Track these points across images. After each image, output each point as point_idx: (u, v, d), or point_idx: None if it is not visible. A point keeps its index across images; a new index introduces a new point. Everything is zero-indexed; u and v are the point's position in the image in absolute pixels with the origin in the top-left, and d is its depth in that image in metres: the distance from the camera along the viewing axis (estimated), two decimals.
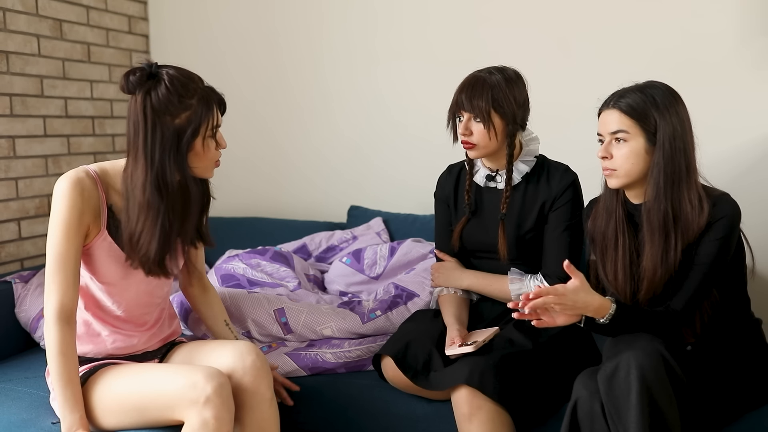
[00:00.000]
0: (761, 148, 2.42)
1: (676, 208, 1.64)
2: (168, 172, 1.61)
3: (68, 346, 1.61)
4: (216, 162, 1.72)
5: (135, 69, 1.63)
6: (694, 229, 1.64)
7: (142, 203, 1.62)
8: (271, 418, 1.69)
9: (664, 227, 1.65)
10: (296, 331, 2.19)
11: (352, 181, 3.05)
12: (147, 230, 1.63)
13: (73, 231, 1.61)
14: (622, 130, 1.66)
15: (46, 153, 2.75)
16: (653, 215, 1.66)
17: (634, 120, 1.65)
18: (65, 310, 1.62)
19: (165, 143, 1.61)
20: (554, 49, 2.65)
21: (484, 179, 2.03)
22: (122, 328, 1.76)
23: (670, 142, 1.63)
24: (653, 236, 1.66)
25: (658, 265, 1.66)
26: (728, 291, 1.72)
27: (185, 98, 1.61)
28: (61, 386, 1.59)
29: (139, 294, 1.76)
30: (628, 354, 1.50)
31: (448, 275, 2.06)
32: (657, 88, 1.68)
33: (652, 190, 1.66)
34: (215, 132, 1.68)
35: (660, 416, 1.47)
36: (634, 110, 1.65)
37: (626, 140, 1.66)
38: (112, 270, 1.69)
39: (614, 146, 1.67)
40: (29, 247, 2.70)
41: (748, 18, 2.41)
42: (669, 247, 1.65)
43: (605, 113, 1.69)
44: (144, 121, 1.60)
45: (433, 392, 1.86)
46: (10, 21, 2.60)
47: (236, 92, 3.16)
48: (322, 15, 3.01)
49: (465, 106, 1.90)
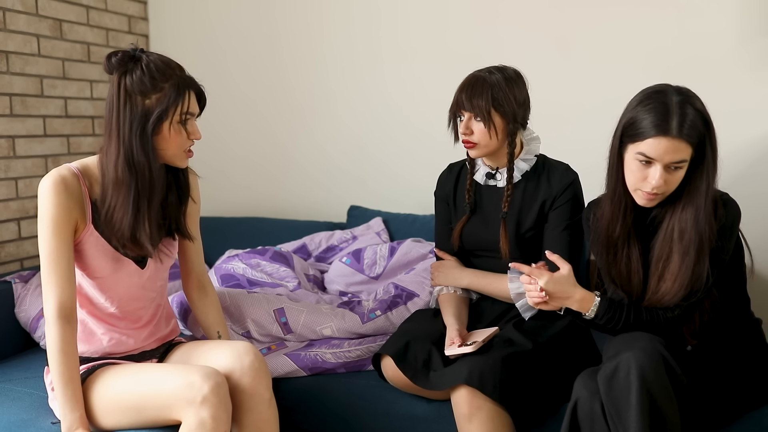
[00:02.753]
0: (760, 148, 2.42)
1: (707, 229, 1.59)
2: (135, 150, 1.64)
3: (69, 345, 1.61)
4: (187, 151, 1.73)
5: (117, 51, 1.66)
6: (713, 242, 1.60)
7: (115, 180, 1.65)
8: (270, 419, 1.69)
9: (701, 244, 1.58)
10: (296, 331, 2.19)
11: (352, 181, 3.05)
12: (120, 205, 1.65)
13: (62, 228, 1.63)
14: (685, 160, 1.56)
15: (45, 153, 2.76)
16: (690, 231, 1.59)
17: (694, 148, 1.56)
18: (65, 308, 1.62)
19: (133, 122, 1.64)
20: (553, 49, 2.65)
21: (484, 177, 2.03)
22: (117, 325, 1.76)
23: (714, 160, 1.58)
24: (686, 252, 1.60)
25: (687, 283, 1.60)
26: (728, 291, 1.71)
27: (159, 81, 1.64)
28: (61, 385, 1.59)
29: (131, 287, 1.75)
30: (628, 354, 1.49)
31: (447, 274, 2.06)
32: (697, 98, 1.59)
33: (693, 209, 1.59)
34: (186, 119, 1.69)
35: (660, 416, 1.47)
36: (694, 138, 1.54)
37: (683, 167, 1.57)
38: (101, 264, 1.70)
39: (667, 172, 1.57)
40: (29, 247, 2.70)
41: (747, 18, 2.41)
42: (701, 265, 1.59)
43: (668, 141, 1.54)
44: (117, 100, 1.64)
45: (432, 392, 1.86)
46: (10, 21, 2.59)
47: (236, 91, 3.17)
48: (322, 15, 3.00)
49: (465, 105, 1.90)
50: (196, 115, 1.74)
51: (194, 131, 1.72)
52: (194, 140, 1.73)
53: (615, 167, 1.67)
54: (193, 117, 1.72)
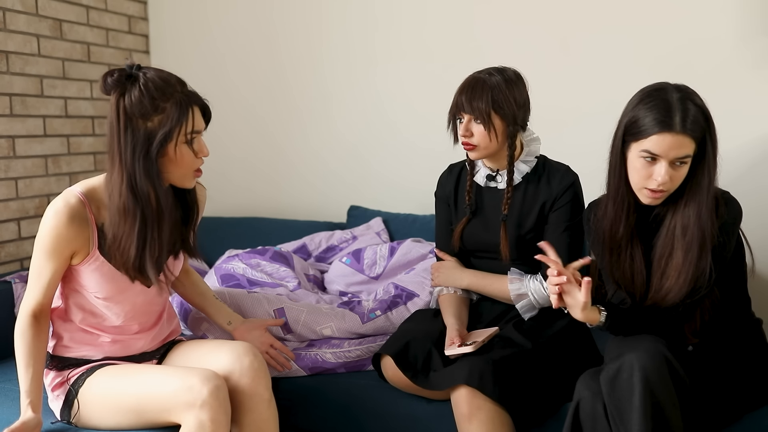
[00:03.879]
0: (762, 149, 2.42)
1: (710, 225, 1.59)
2: (138, 177, 1.57)
3: (35, 338, 1.64)
4: (196, 171, 1.66)
5: (114, 70, 1.59)
6: (715, 239, 1.61)
7: (120, 207, 1.59)
8: (270, 419, 1.69)
9: (703, 240, 1.59)
10: (296, 331, 2.19)
11: (352, 181, 3.05)
12: (126, 235, 1.60)
13: (55, 256, 1.62)
14: (689, 155, 1.57)
15: (45, 153, 2.75)
16: (692, 228, 1.60)
17: (696, 143, 1.57)
18: (40, 306, 1.66)
19: (136, 147, 1.56)
20: (555, 51, 2.65)
21: (484, 179, 2.03)
22: (123, 333, 1.76)
23: (715, 156, 1.58)
24: (689, 250, 1.60)
25: (691, 280, 1.60)
26: (729, 290, 1.71)
27: (159, 101, 1.56)
28: (22, 367, 1.64)
29: (137, 305, 1.75)
30: (631, 355, 1.49)
31: (447, 275, 2.06)
32: (696, 94, 1.59)
33: (695, 206, 1.59)
34: (192, 138, 1.61)
35: (663, 418, 1.46)
36: (697, 132, 1.55)
37: (687, 163, 1.58)
38: (108, 287, 1.68)
39: (672, 168, 1.57)
40: (29, 247, 2.70)
41: (749, 18, 2.41)
42: (702, 261, 1.60)
43: (673, 137, 1.54)
44: (117, 123, 1.57)
45: (432, 392, 1.86)
46: (10, 21, 2.59)
47: (235, 92, 3.17)
48: (321, 16, 3.00)
49: (465, 107, 1.89)
50: (202, 131, 1.66)
51: (201, 149, 1.64)
52: (203, 158, 1.65)
53: (617, 167, 1.66)
54: (199, 134, 1.64)
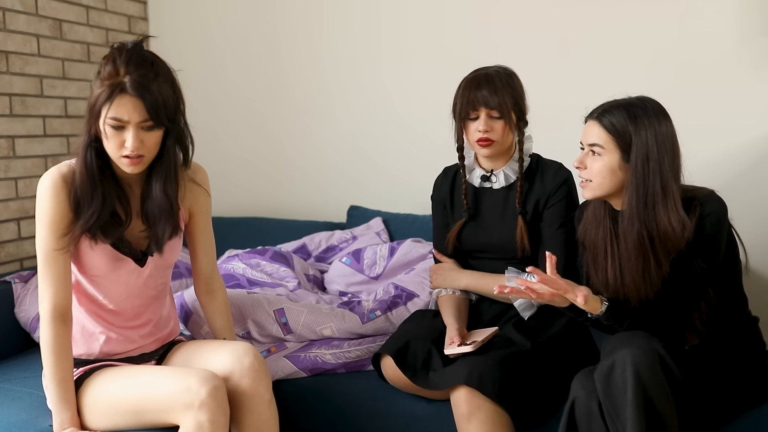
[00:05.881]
0: (760, 148, 2.42)
1: (652, 230, 1.63)
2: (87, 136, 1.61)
3: (63, 345, 1.62)
4: (123, 157, 1.58)
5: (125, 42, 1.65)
6: (679, 246, 1.62)
7: (82, 166, 1.62)
8: (270, 420, 1.69)
9: (641, 248, 1.64)
10: (296, 331, 2.19)
11: (352, 181, 3.05)
12: (87, 193, 1.62)
13: (59, 228, 1.61)
14: (599, 144, 1.65)
15: (45, 153, 2.76)
16: (628, 236, 1.66)
17: (612, 136, 1.64)
18: (59, 308, 1.62)
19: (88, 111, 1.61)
20: (553, 50, 2.65)
21: (479, 180, 2.03)
22: (115, 323, 1.75)
23: (643, 164, 1.61)
24: (630, 256, 1.66)
25: (640, 283, 1.66)
26: (724, 289, 1.72)
27: (103, 73, 1.59)
28: (54, 384, 1.60)
29: (130, 286, 1.74)
30: (624, 351, 1.50)
31: (446, 276, 2.06)
32: (644, 106, 1.64)
33: (627, 210, 1.65)
34: (116, 125, 1.56)
35: (656, 413, 1.47)
36: (613, 126, 1.63)
37: (601, 155, 1.65)
38: (99, 263, 1.68)
39: (590, 158, 1.67)
40: (29, 247, 2.70)
41: (748, 18, 2.41)
42: (649, 266, 1.65)
43: (588, 124, 1.69)
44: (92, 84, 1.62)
45: (432, 392, 1.86)
46: (10, 21, 2.60)
47: (236, 92, 3.17)
48: (322, 15, 3.00)
49: (486, 102, 1.87)
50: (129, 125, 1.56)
51: (124, 141, 1.56)
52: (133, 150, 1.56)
53: None
54: (126, 125, 1.56)
